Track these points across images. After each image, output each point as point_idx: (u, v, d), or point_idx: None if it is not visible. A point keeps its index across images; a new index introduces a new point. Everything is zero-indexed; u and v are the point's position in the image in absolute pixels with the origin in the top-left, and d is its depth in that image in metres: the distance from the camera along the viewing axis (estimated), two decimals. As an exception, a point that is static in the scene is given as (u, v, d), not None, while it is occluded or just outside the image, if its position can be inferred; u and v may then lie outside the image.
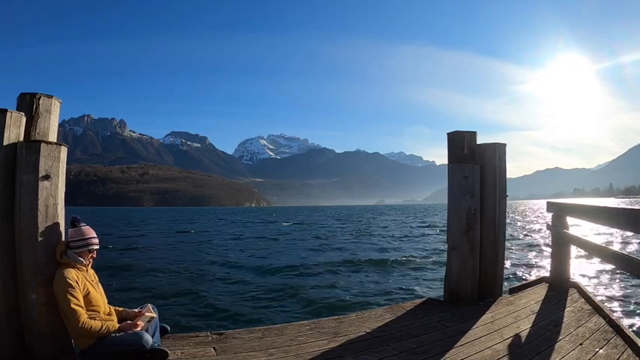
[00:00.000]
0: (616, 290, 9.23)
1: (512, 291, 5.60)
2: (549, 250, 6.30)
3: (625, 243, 18.29)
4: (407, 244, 21.55)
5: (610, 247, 4.35)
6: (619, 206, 3.63)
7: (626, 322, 6.23)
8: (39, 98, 3.25)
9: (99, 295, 3.24)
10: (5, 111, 3.01)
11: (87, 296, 3.10)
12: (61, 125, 3.86)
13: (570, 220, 5.58)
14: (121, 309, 3.44)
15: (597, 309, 4.47)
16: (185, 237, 28.90)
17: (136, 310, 3.44)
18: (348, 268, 13.89)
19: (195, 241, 24.62)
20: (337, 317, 4.43)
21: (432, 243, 21.62)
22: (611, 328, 3.91)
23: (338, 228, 37.88)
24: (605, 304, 4.91)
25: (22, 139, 3.14)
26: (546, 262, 11.92)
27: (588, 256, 11.44)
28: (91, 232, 3.27)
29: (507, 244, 5.60)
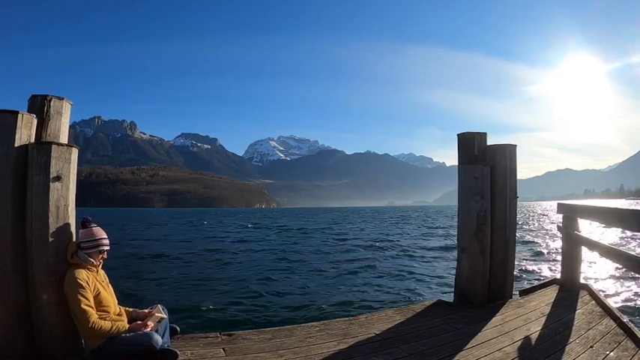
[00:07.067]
0: (627, 292, 9.11)
1: (523, 293, 5.56)
2: (560, 251, 6.24)
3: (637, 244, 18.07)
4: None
5: (621, 248, 4.30)
6: (630, 207, 3.60)
7: (637, 324, 6.14)
8: (50, 100, 3.29)
9: (109, 296, 3.27)
10: (16, 113, 3.04)
11: (97, 297, 3.12)
12: (71, 127, 3.89)
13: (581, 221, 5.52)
14: (131, 309, 3.47)
15: (608, 311, 4.42)
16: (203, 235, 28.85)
17: (146, 310, 3.47)
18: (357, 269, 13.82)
19: (210, 244, 24.28)
20: (347, 319, 4.43)
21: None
22: (621, 331, 3.87)
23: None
24: (616, 306, 4.85)
25: (33, 140, 3.17)
26: (557, 264, 11.80)
27: (599, 258, 11.31)
28: (101, 233, 3.30)
29: (517, 245, 5.54)
